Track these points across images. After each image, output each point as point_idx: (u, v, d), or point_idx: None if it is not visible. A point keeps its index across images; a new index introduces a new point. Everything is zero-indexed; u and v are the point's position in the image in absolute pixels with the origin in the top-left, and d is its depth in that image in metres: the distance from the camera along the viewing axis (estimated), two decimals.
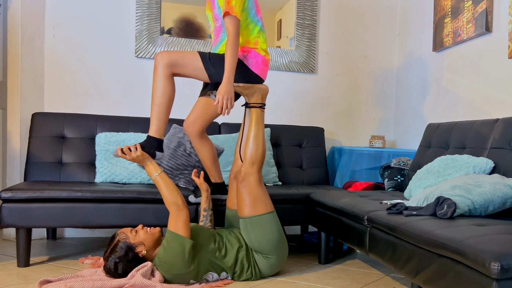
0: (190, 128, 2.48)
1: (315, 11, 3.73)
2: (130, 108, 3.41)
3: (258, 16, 2.47)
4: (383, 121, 3.93)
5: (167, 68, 2.31)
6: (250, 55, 2.40)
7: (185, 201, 2.23)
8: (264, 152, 2.40)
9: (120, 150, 2.27)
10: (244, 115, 2.54)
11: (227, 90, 2.26)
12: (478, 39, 2.91)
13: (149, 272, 2.14)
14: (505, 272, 1.28)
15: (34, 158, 2.95)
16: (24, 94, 3.14)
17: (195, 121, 2.47)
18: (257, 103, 2.44)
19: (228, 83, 2.27)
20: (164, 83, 2.32)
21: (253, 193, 2.33)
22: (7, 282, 2.23)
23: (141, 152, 2.26)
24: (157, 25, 3.41)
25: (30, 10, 3.16)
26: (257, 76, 2.43)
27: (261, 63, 2.43)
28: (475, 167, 2.24)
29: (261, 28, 2.47)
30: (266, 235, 2.31)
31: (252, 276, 2.34)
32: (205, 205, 2.56)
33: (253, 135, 2.39)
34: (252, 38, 2.43)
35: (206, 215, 2.55)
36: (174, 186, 2.25)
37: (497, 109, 2.74)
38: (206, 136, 2.56)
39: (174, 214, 2.18)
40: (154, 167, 2.28)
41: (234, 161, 2.57)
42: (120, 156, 2.27)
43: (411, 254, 1.73)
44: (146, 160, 2.29)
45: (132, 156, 2.26)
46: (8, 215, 2.43)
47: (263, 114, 2.45)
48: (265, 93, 2.46)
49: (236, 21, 2.28)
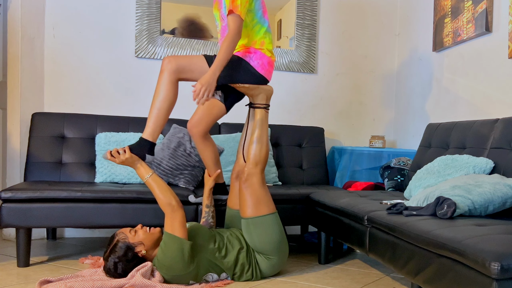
0: (194, 129, 2.47)
1: (315, 11, 3.73)
2: (130, 108, 3.41)
3: (264, 17, 2.46)
4: (383, 121, 3.93)
5: (173, 73, 2.30)
6: (256, 57, 2.40)
7: (179, 201, 2.20)
8: (267, 153, 2.40)
9: (109, 153, 2.22)
10: (248, 115, 2.54)
11: (209, 81, 2.23)
12: (478, 39, 2.91)
13: (149, 272, 2.14)
14: (505, 272, 1.28)
15: (34, 158, 2.95)
16: (24, 94, 3.14)
17: (199, 122, 2.46)
18: (261, 104, 2.44)
19: (212, 75, 2.24)
20: (168, 87, 2.30)
21: (256, 193, 2.33)
22: (7, 282, 2.23)
23: (129, 154, 2.21)
24: (157, 25, 3.41)
25: (30, 10, 3.16)
26: (262, 77, 2.42)
27: (267, 64, 2.42)
28: (475, 167, 2.24)
29: (268, 29, 2.46)
30: (268, 236, 2.31)
31: (253, 277, 2.34)
32: (208, 201, 2.56)
33: (257, 136, 2.39)
34: (258, 39, 2.42)
35: (208, 212, 2.55)
36: (167, 187, 2.21)
37: (497, 109, 2.74)
38: (210, 137, 2.55)
39: (169, 215, 2.16)
40: (145, 169, 2.23)
41: (236, 160, 2.57)
42: (109, 159, 2.23)
43: (411, 254, 1.73)
44: (136, 162, 2.24)
45: (121, 159, 2.21)
46: (8, 215, 2.43)
47: (267, 115, 2.45)
48: (270, 94, 2.47)
49: (239, 20, 2.28)
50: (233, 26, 2.27)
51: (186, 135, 3.03)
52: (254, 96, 2.44)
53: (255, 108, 2.45)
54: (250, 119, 2.53)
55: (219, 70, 2.26)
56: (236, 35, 2.27)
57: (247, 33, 2.41)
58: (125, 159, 2.21)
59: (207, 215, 2.54)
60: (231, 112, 3.25)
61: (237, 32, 2.27)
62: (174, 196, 2.19)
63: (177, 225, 2.15)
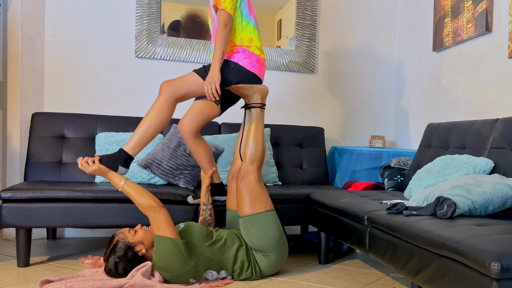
0: (185, 128, 2.49)
1: (315, 11, 3.73)
2: (130, 108, 3.42)
3: (251, 16, 2.50)
4: (383, 121, 3.93)
5: (171, 97, 2.35)
6: (244, 55, 2.43)
7: (159, 202, 2.19)
8: (263, 151, 2.41)
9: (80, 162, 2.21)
10: (244, 116, 2.54)
11: (212, 76, 2.30)
12: (478, 39, 2.91)
13: (149, 271, 2.15)
14: (505, 272, 1.28)
15: (34, 158, 2.95)
16: (24, 94, 3.14)
17: (190, 121, 2.49)
18: (257, 103, 2.44)
19: (213, 70, 2.31)
20: (162, 108, 2.33)
21: (253, 191, 2.34)
22: (7, 282, 2.23)
23: (97, 166, 2.20)
24: (157, 25, 3.41)
25: (30, 10, 3.16)
26: (254, 75, 2.44)
27: (256, 62, 2.44)
28: (475, 167, 2.24)
29: (255, 26, 2.50)
30: (266, 233, 2.31)
31: (252, 275, 2.34)
32: (205, 199, 2.57)
33: (252, 134, 2.40)
34: (245, 35, 2.45)
35: (206, 209, 2.56)
36: (143, 191, 2.20)
37: (497, 109, 2.74)
38: (201, 136, 2.58)
39: (152, 217, 2.16)
40: (118, 178, 2.22)
41: (233, 161, 2.58)
42: (80, 168, 2.21)
43: (411, 254, 1.73)
44: (106, 173, 2.22)
45: (89, 169, 2.20)
46: (8, 215, 2.43)
47: (263, 114, 2.46)
48: (265, 93, 2.47)
49: (225, 13, 2.34)
50: (221, 20, 2.33)
51: None
52: (249, 96, 2.45)
53: (251, 108, 2.46)
54: (246, 121, 2.53)
55: (218, 63, 2.31)
56: (223, 28, 2.33)
57: (235, 30, 2.45)
58: (93, 170, 2.20)
59: (204, 213, 2.55)
60: (231, 112, 3.25)
61: (224, 25, 2.33)
62: (153, 198, 2.19)
63: (163, 225, 2.15)
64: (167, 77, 3.46)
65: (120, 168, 2.26)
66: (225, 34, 2.33)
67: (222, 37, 2.32)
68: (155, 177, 2.92)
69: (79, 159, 2.23)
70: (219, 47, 2.32)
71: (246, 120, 2.53)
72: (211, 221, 2.57)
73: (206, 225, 2.54)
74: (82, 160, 2.22)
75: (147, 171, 2.91)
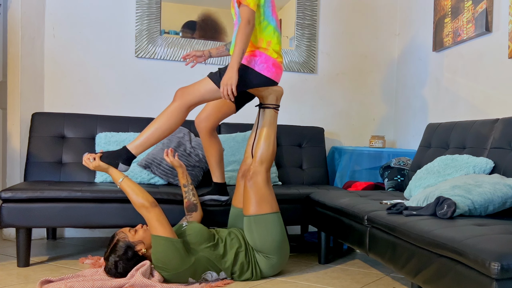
0: (202, 124, 2.49)
1: (315, 11, 3.73)
2: (130, 108, 3.41)
3: (273, 16, 2.40)
4: (383, 121, 3.93)
5: (184, 104, 2.30)
6: (260, 60, 2.33)
7: (153, 201, 2.20)
8: (274, 152, 2.42)
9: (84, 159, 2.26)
10: (258, 115, 2.54)
11: (229, 77, 2.19)
12: (478, 39, 2.91)
13: (148, 271, 2.15)
14: (505, 272, 1.28)
15: (34, 158, 2.95)
16: (24, 94, 3.14)
17: (207, 118, 2.48)
18: (271, 104, 2.46)
19: (230, 70, 2.20)
20: (174, 114, 2.29)
21: (260, 192, 2.34)
22: (7, 282, 2.23)
23: (98, 163, 2.23)
24: (157, 25, 3.41)
25: (30, 10, 3.16)
26: (269, 80, 2.36)
27: (272, 66, 2.34)
28: (475, 167, 2.24)
29: (276, 28, 2.40)
30: (269, 235, 2.32)
31: (253, 276, 2.34)
32: (184, 181, 2.56)
33: (265, 135, 2.42)
34: (265, 37, 2.35)
35: (187, 191, 2.55)
36: (139, 189, 2.22)
37: (497, 109, 2.74)
38: (216, 135, 2.57)
39: (145, 217, 2.18)
40: (117, 175, 2.24)
41: (244, 159, 2.56)
42: (84, 164, 2.27)
43: (411, 254, 1.73)
44: (107, 169, 2.25)
45: (90, 165, 2.24)
46: (8, 215, 2.43)
47: (277, 115, 2.48)
48: (280, 95, 2.49)
49: (248, 10, 2.23)
50: (244, 16, 2.23)
51: (186, 135, 3.04)
52: (265, 97, 2.47)
53: (265, 108, 2.47)
54: (260, 119, 2.53)
55: (237, 63, 2.21)
56: (246, 25, 2.22)
57: (254, 30, 2.35)
58: (94, 167, 2.24)
59: (187, 194, 2.55)
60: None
61: (246, 22, 2.23)
62: (147, 197, 2.20)
63: (155, 224, 2.16)
64: (167, 77, 3.47)
65: (120, 165, 2.27)
66: (247, 32, 2.23)
67: (243, 35, 2.22)
68: (155, 177, 2.92)
69: (84, 155, 2.26)
70: (240, 46, 2.22)
71: (260, 118, 2.53)
72: (196, 201, 2.55)
73: (192, 207, 2.53)
74: (86, 156, 2.25)
75: (147, 171, 2.91)
